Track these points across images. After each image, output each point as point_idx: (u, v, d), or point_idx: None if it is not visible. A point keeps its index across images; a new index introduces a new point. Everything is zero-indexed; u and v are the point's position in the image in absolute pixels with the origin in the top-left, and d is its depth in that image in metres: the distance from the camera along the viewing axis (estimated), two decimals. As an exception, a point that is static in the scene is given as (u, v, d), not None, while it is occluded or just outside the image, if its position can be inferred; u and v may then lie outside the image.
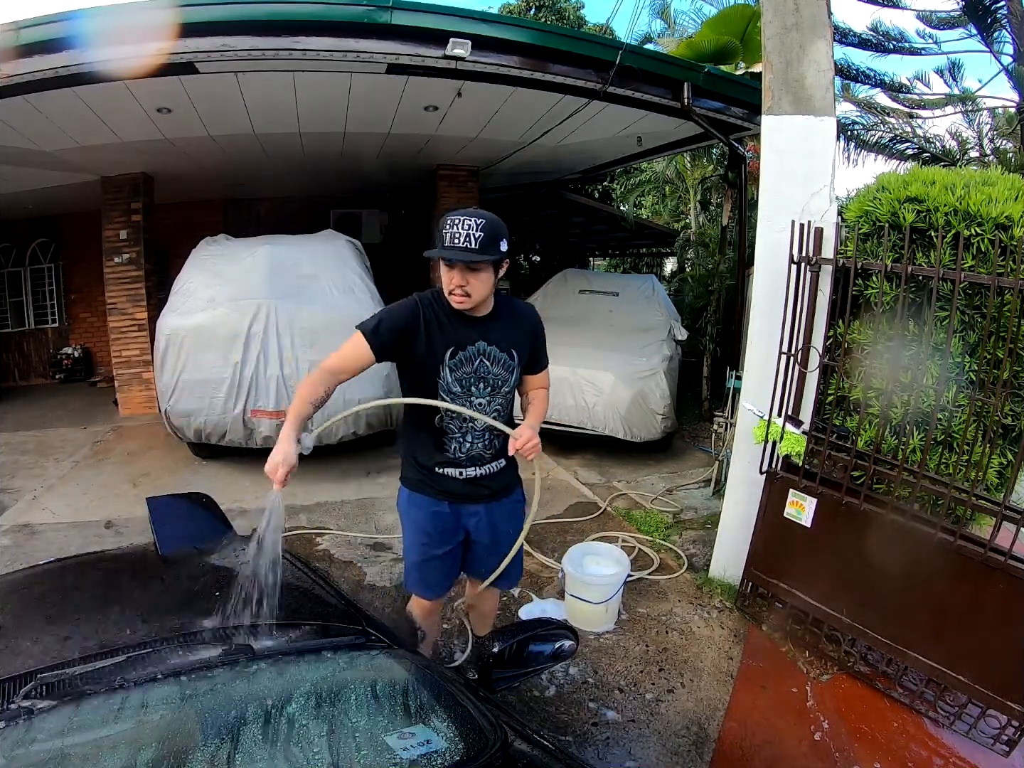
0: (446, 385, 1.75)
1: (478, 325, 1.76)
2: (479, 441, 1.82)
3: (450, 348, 1.73)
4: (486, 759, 0.94)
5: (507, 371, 1.80)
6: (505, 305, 1.83)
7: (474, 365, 1.76)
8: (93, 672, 1.09)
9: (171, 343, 4.13)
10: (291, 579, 1.72)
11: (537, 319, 1.91)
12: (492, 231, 1.63)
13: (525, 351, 1.83)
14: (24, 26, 3.20)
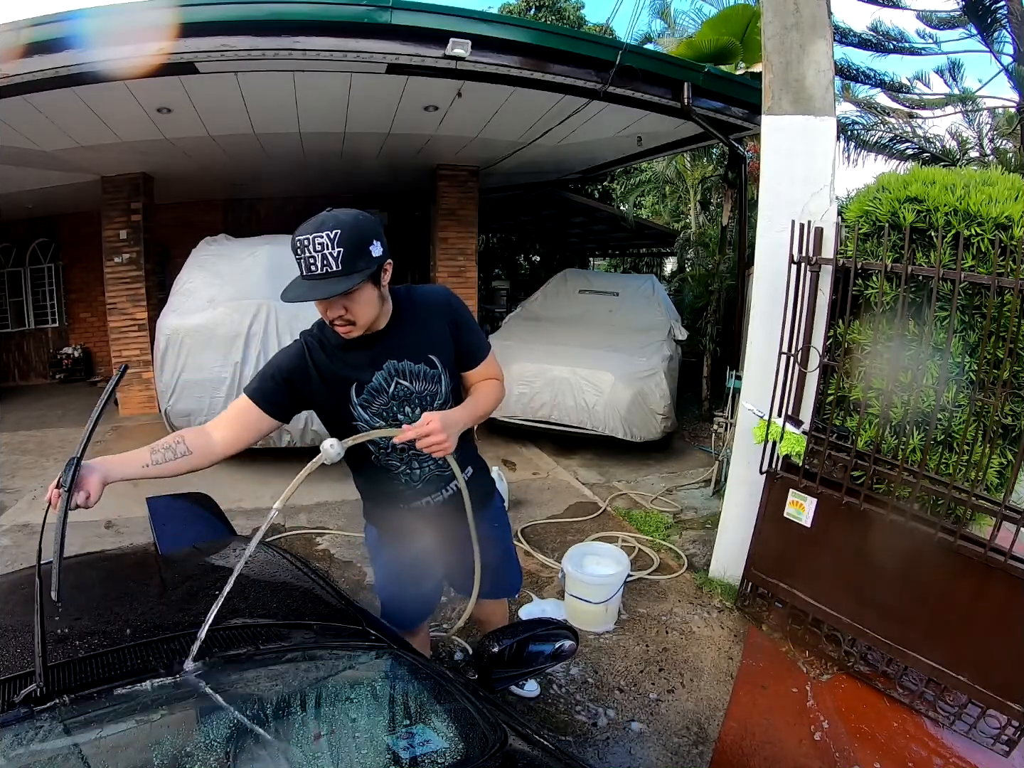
0: (367, 422, 1.49)
1: (378, 344, 1.46)
2: (427, 465, 1.57)
3: (352, 384, 1.46)
4: (486, 759, 0.94)
5: (432, 382, 1.51)
6: (405, 305, 1.50)
7: (389, 392, 1.48)
8: (92, 672, 1.09)
9: (171, 343, 4.13)
10: (291, 579, 1.72)
11: (448, 302, 1.55)
12: (353, 239, 1.28)
13: (446, 348, 1.52)
14: (24, 26, 3.20)
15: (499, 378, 1.64)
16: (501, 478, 3.87)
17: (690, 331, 5.77)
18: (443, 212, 6.74)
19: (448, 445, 1.34)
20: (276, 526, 3.69)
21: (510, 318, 6.17)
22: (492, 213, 10.07)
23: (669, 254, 12.82)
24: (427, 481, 1.59)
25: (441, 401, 1.52)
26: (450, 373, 1.53)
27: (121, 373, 1.31)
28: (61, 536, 1.04)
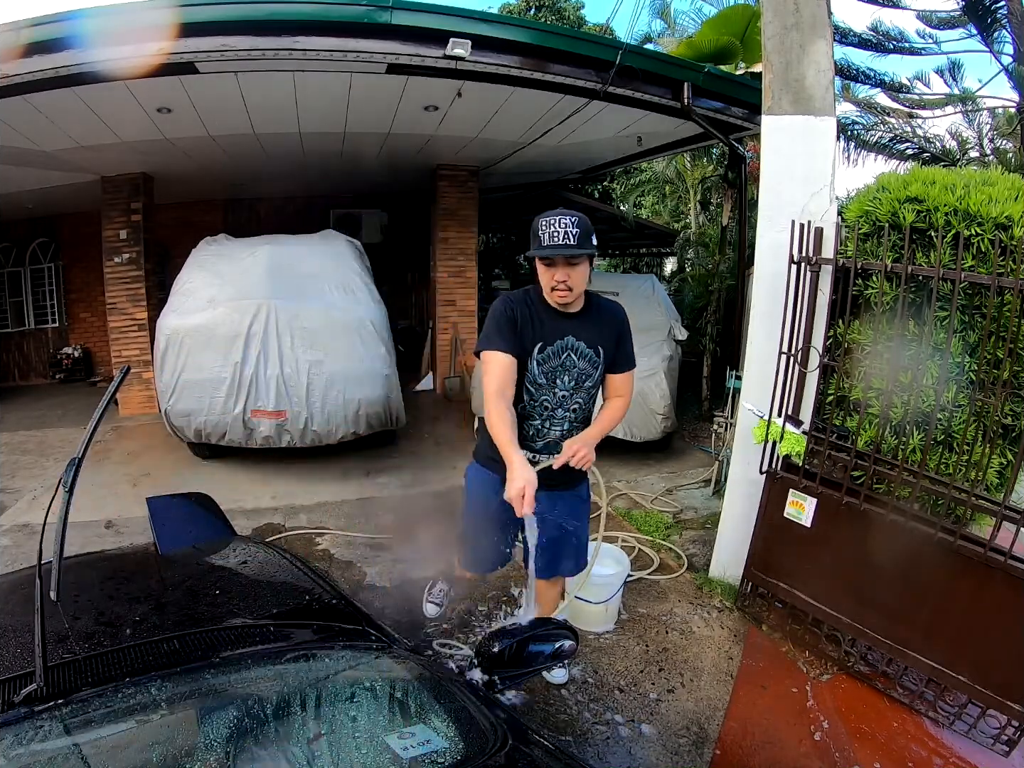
0: (532, 377, 1.86)
1: (569, 321, 1.84)
2: (556, 429, 1.92)
3: (538, 343, 1.83)
4: (486, 759, 0.94)
5: (592, 367, 1.88)
6: (595, 303, 1.91)
7: (561, 359, 1.85)
8: (92, 672, 1.09)
9: (171, 343, 4.13)
10: (291, 579, 1.72)
11: (623, 319, 1.95)
12: (586, 227, 1.72)
13: (611, 349, 1.89)
14: (24, 26, 3.20)
15: (627, 395, 1.97)
16: None
17: (690, 331, 5.76)
18: (443, 212, 6.74)
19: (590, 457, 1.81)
20: (276, 526, 3.69)
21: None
22: (492, 213, 10.06)
23: (669, 254, 12.81)
24: (546, 444, 1.94)
25: (591, 384, 1.91)
26: (605, 366, 1.91)
27: (123, 374, 1.31)
28: (61, 536, 1.04)
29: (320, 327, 4.16)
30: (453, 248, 6.82)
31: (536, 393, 1.88)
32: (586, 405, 1.94)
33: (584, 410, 1.95)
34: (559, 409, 1.90)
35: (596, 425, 1.92)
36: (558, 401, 1.89)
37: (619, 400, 1.97)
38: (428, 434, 5.49)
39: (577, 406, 1.92)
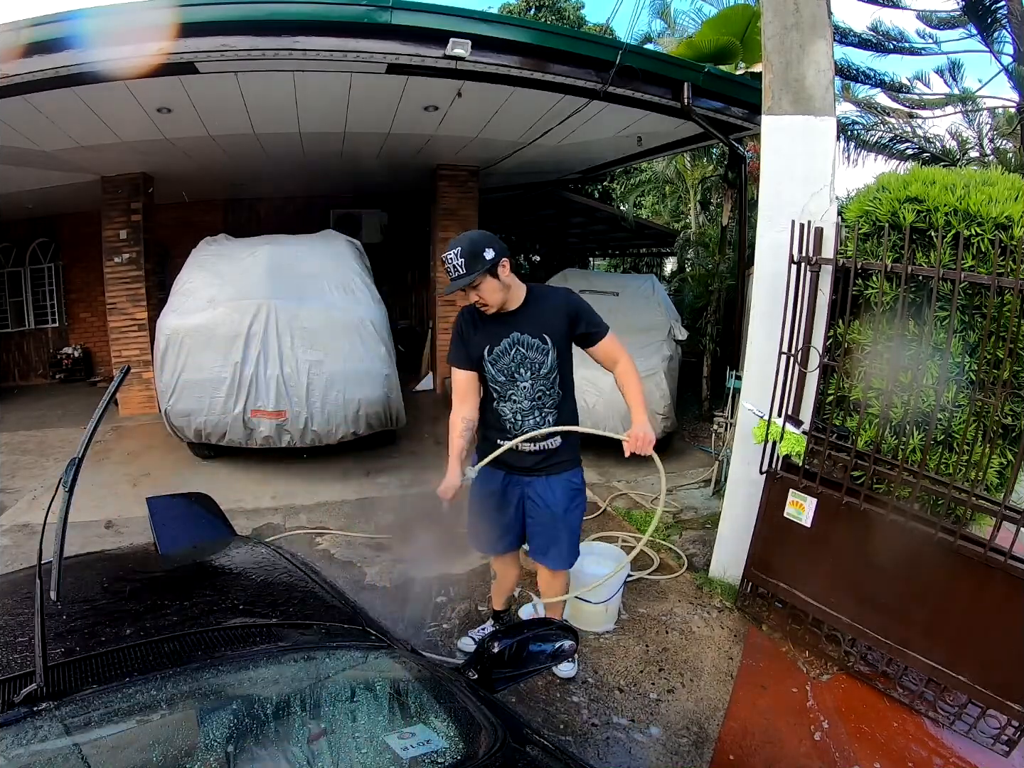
0: (492, 377, 2.05)
1: (510, 319, 2.01)
2: (530, 420, 2.05)
3: (486, 346, 2.02)
4: (486, 759, 0.94)
5: (542, 354, 2.00)
6: (535, 295, 2.04)
7: (511, 354, 2.01)
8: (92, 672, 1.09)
9: (171, 343, 4.13)
10: (291, 579, 1.72)
11: (567, 297, 2.05)
12: (470, 250, 1.86)
13: (558, 332, 2.00)
14: (24, 26, 3.20)
15: (621, 356, 2.07)
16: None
17: (690, 331, 5.76)
18: (443, 212, 6.74)
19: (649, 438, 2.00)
20: (276, 526, 3.69)
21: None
22: (492, 213, 10.05)
23: (669, 254, 12.80)
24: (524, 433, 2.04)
25: (547, 370, 2.01)
26: (557, 351, 2.01)
27: (123, 374, 1.31)
28: (61, 536, 1.04)
29: (320, 327, 4.16)
30: (453, 248, 6.81)
31: (502, 390, 2.05)
32: (550, 391, 2.05)
33: (551, 396, 2.06)
34: (526, 401, 2.04)
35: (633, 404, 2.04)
36: (523, 393, 2.03)
37: (619, 365, 2.06)
38: (428, 434, 5.49)
39: (541, 393, 2.04)
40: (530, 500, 2.15)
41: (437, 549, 2.20)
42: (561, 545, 2.18)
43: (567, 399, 2.10)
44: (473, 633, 2.59)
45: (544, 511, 2.13)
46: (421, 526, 2.16)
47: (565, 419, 2.09)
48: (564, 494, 2.13)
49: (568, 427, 2.07)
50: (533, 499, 2.14)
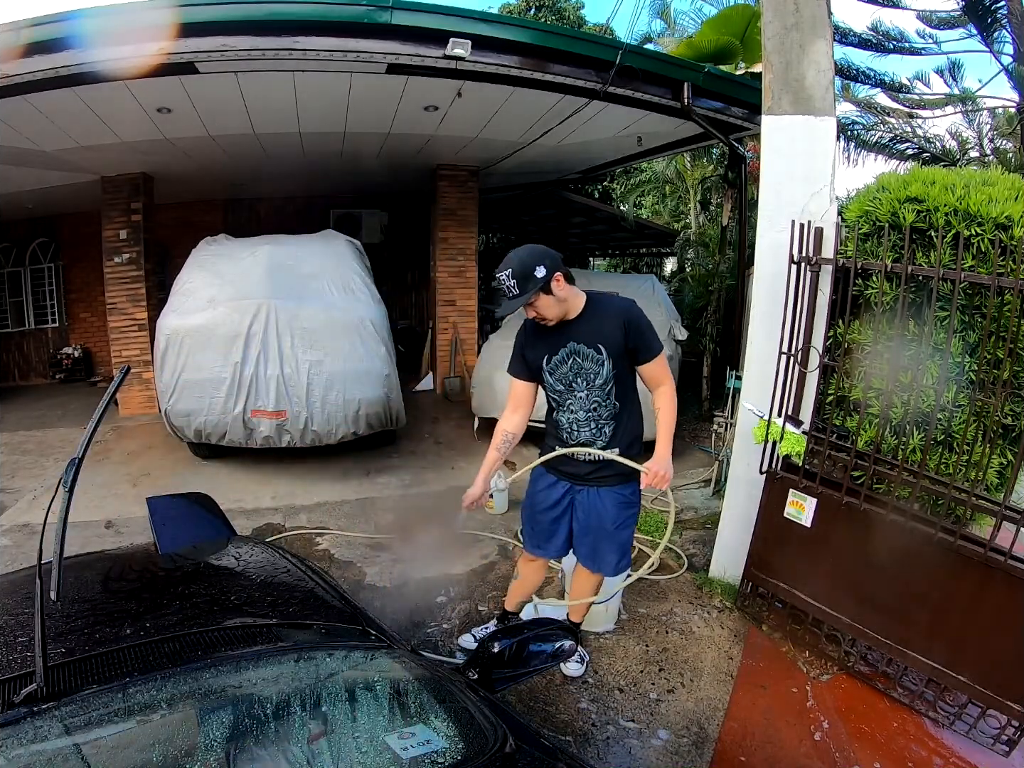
0: (551, 386, 2.09)
1: (568, 329, 2.01)
2: (585, 431, 2.07)
3: (545, 356, 2.05)
4: (486, 759, 0.94)
5: (597, 365, 2.00)
6: (594, 305, 2.03)
7: (568, 364, 2.03)
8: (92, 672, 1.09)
9: (171, 343, 4.13)
10: (291, 579, 1.72)
11: (628, 310, 2.01)
12: (521, 270, 1.87)
13: (614, 343, 1.98)
14: (24, 26, 3.20)
15: (668, 382, 2.07)
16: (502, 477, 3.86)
17: (690, 331, 5.76)
18: (443, 212, 6.74)
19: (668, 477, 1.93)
20: (276, 526, 3.69)
21: (510, 318, 6.16)
22: (492, 213, 10.06)
23: (669, 254, 12.81)
24: (580, 443, 2.09)
25: (601, 381, 2.02)
26: (613, 362, 2.00)
27: (123, 374, 1.31)
28: (61, 536, 1.04)
29: (320, 327, 4.16)
30: (453, 248, 6.82)
31: (560, 399, 2.09)
32: (606, 403, 2.04)
33: (607, 408, 2.05)
34: (581, 411, 2.06)
35: (661, 436, 2.03)
36: (579, 404, 2.05)
37: (661, 389, 2.07)
38: (428, 434, 5.49)
39: (596, 404, 2.04)
40: (579, 509, 2.16)
41: (437, 548, 2.22)
42: (606, 555, 2.17)
43: (626, 412, 2.08)
44: (476, 631, 2.58)
45: (591, 522, 2.13)
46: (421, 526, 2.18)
47: (623, 433, 2.08)
48: (614, 507, 2.11)
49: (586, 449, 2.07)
50: (582, 508, 2.15)
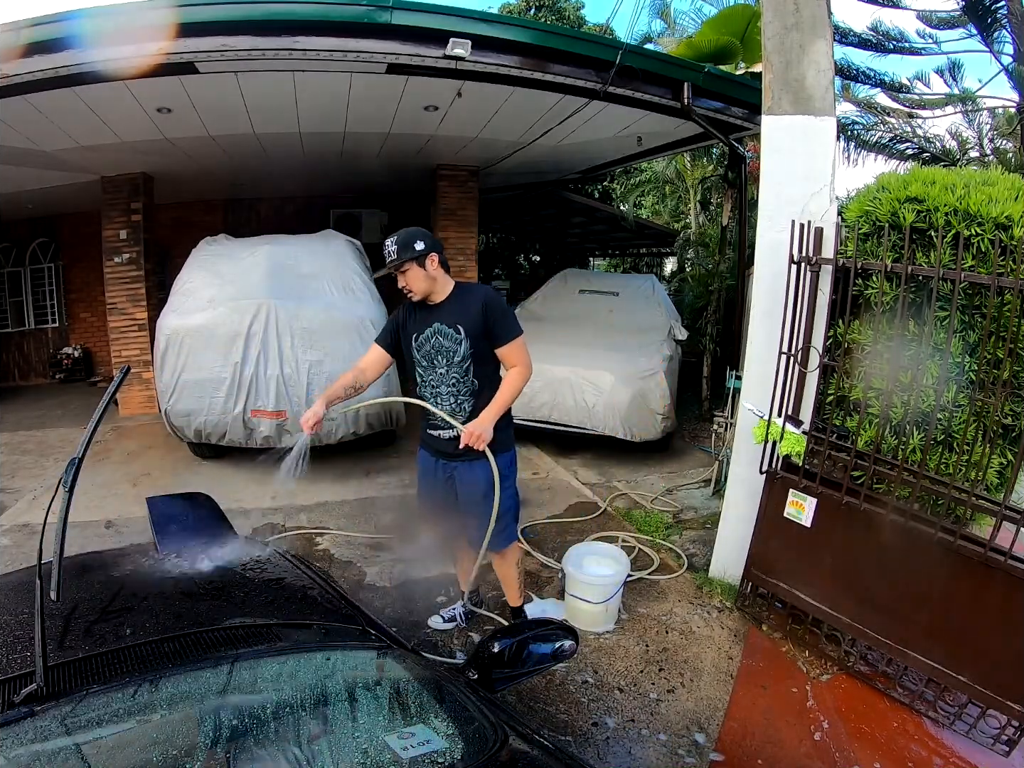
0: (416, 361, 2.23)
1: (434, 310, 2.20)
2: (446, 404, 2.22)
3: (414, 334, 2.22)
4: (486, 759, 0.94)
5: (455, 343, 2.15)
6: (459, 290, 2.22)
7: (432, 343, 2.18)
8: (92, 671, 1.09)
9: (171, 343, 4.13)
10: (291, 579, 1.72)
11: (487, 295, 2.20)
12: (403, 240, 2.09)
13: (473, 324, 2.13)
14: (24, 26, 3.20)
15: (521, 363, 2.21)
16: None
17: (690, 331, 5.76)
18: (443, 212, 6.74)
19: (484, 438, 2.09)
20: (276, 526, 3.69)
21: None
22: (492, 213, 10.06)
23: (669, 254, 12.81)
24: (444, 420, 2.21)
25: (459, 359, 2.16)
26: (471, 341, 2.14)
27: (123, 374, 1.31)
28: (61, 536, 1.04)
29: (320, 327, 4.16)
30: (453, 248, 6.82)
31: (424, 375, 2.23)
32: (464, 378, 2.19)
33: (464, 383, 2.19)
34: (442, 386, 2.21)
35: (493, 403, 2.17)
36: (439, 379, 2.20)
37: (513, 370, 2.21)
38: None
39: (455, 380, 2.19)
40: (458, 484, 2.30)
41: (436, 547, 2.23)
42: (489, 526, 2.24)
43: (487, 390, 2.21)
44: (444, 612, 2.68)
45: (469, 495, 2.28)
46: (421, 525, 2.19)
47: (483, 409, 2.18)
48: (486, 478, 2.20)
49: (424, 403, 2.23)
50: (462, 484, 2.29)
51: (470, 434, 2.08)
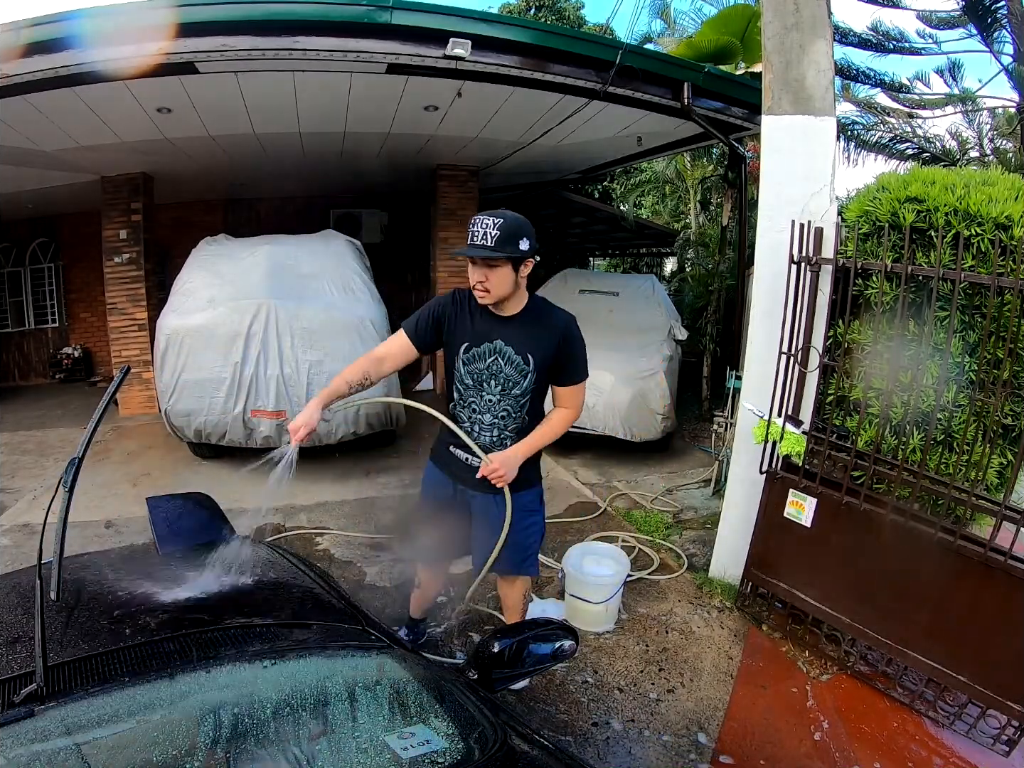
0: (460, 376, 1.87)
1: (500, 324, 1.82)
2: (486, 435, 1.89)
3: (464, 343, 1.84)
4: (486, 759, 0.94)
5: (519, 374, 1.82)
6: (537, 309, 1.85)
7: (487, 362, 1.82)
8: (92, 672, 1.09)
9: (171, 343, 4.13)
10: (291, 579, 1.72)
11: (569, 330, 1.85)
12: (509, 229, 1.67)
13: (545, 357, 1.81)
14: (24, 26, 3.20)
15: (574, 408, 1.92)
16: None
17: (690, 331, 5.76)
18: (443, 212, 6.73)
19: (507, 478, 1.79)
20: (276, 526, 3.69)
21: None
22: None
23: (669, 254, 12.80)
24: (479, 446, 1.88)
25: (519, 391, 1.84)
26: (537, 375, 1.83)
27: (123, 374, 1.31)
28: (61, 536, 1.04)
29: (320, 327, 4.16)
30: (453, 248, 6.83)
31: (464, 393, 1.89)
32: (516, 414, 1.87)
33: (514, 419, 1.88)
34: (487, 414, 1.87)
35: (526, 440, 1.86)
36: (486, 406, 1.86)
37: (562, 411, 1.92)
38: (428, 434, 5.48)
39: (505, 413, 1.86)
40: (475, 517, 2.00)
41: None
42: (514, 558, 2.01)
43: (532, 428, 1.91)
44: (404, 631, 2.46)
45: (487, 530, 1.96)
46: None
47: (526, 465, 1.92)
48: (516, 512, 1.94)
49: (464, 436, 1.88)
50: (482, 516, 1.98)
51: (492, 470, 1.77)
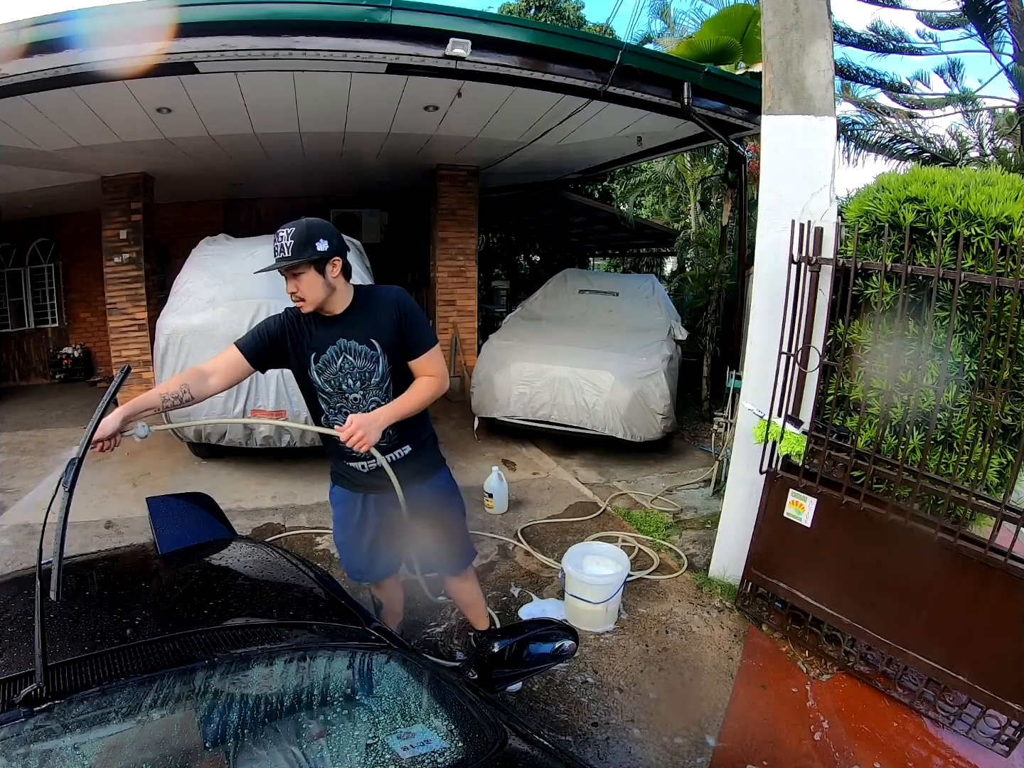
0: (319, 387, 1.84)
1: (336, 324, 1.80)
2: None
3: (312, 354, 1.81)
4: (486, 759, 0.94)
5: (371, 361, 1.81)
6: (363, 297, 1.84)
7: (338, 364, 1.81)
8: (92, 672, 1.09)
9: (171, 343, 4.13)
10: (291, 579, 1.72)
11: (398, 300, 1.83)
12: (303, 235, 1.68)
13: (388, 337, 1.80)
14: (24, 26, 3.20)
15: (437, 375, 1.86)
16: (501, 478, 3.87)
17: (690, 331, 5.77)
18: (443, 212, 6.74)
19: (368, 440, 1.65)
20: (276, 526, 3.69)
21: (510, 318, 6.17)
22: (492, 213, 10.06)
23: (669, 254, 12.81)
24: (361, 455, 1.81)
25: (378, 379, 1.82)
26: (389, 357, 1.81)
27: (123, 374, 1.31)
28: (61, 536, 1.04)
29: (320, 327, 4.16)
30: (453, 248, 6.83)
31: (330, 401, 1.85)
32: (385, 402, 1.83)
33: None
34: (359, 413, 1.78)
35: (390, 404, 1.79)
36: (353, 405, 1.83)
37: (426, 378, 1.85)
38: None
39: (375, 405, 1.82)
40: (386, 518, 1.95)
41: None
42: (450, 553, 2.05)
43: None
44: None
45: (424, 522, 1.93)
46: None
47: (411, 429, 1.90)
48: (434, 499, 1.97)
49: None
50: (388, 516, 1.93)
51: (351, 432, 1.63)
